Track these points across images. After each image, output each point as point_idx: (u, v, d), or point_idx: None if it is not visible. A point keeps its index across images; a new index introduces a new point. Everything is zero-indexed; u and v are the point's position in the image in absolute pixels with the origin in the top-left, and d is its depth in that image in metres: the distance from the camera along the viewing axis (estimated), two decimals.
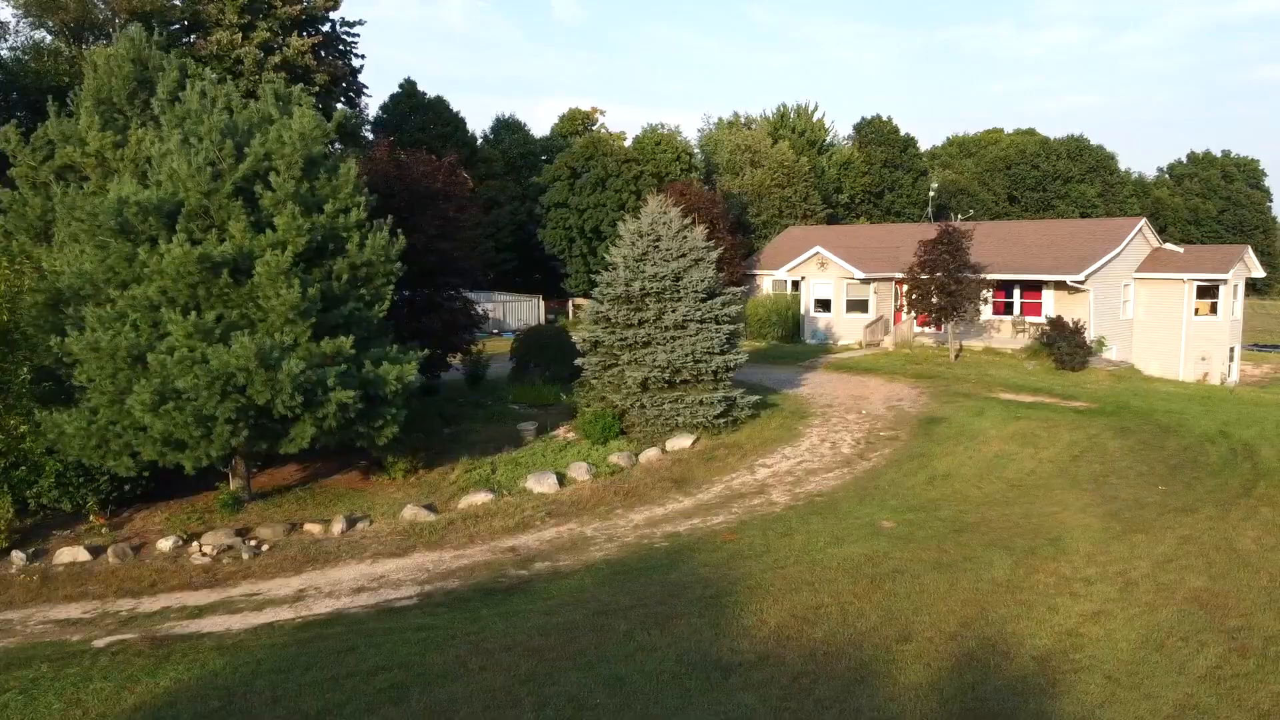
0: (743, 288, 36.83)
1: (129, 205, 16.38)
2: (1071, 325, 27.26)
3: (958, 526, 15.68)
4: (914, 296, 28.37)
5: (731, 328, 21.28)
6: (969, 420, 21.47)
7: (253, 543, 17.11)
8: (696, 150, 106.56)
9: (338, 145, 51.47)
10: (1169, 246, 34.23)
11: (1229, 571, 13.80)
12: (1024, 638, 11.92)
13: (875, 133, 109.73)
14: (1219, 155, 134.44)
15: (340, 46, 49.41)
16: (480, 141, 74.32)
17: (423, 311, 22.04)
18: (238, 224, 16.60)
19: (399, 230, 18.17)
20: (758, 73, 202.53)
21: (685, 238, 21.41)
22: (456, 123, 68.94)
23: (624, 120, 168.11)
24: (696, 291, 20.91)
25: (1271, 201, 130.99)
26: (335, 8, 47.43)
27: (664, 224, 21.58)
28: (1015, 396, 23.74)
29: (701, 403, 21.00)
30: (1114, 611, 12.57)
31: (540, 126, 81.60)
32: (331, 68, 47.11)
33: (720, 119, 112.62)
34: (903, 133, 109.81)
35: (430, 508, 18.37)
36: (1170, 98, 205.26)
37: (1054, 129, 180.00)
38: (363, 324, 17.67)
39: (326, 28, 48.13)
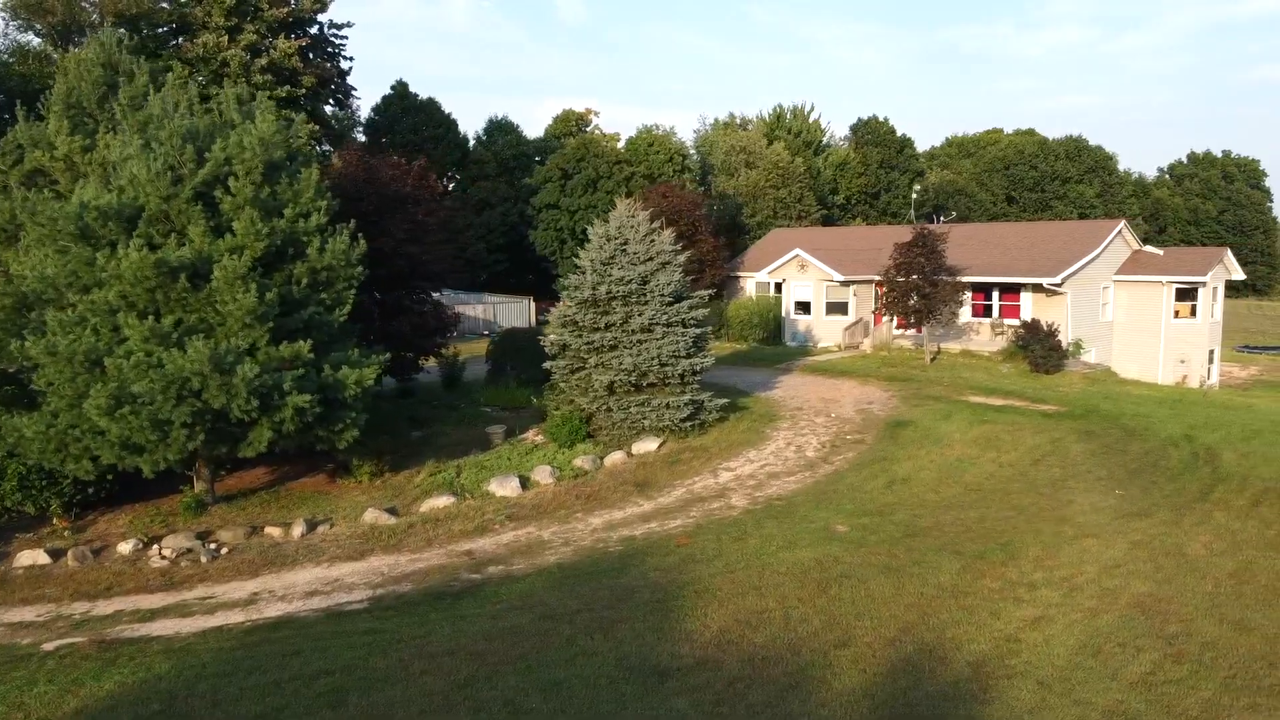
0: (708, 291, 36.92)
1: (89, 210, 16.46)
2: (1046, 328, 27.26)
3: (911, 531, 15.71)
4: (889, 299, 28.37)
5: (698, 331, 21.32)
6: (935, 424, 21.49)
7: (213, 546, 17.17)
8: (693, 151, 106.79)
9: (326, 147, 51.61)
10: (1149, 249, 34.20)
11: (1175, 577, 13.83)
12: (962, 643, 11.95)
13: (871, 133, 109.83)
14: (1219, 155, 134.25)
15: (329, 49, 49.46)
16: (474, 143, 74.38)
17: (392, 314, 22.10)
18: (197, 229, 16.67)
19: (360, 235, 18.22)
20: (759, 73, 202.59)
21: (653, 241, 21.45)
22: (448, 124, 69.01)
23: (626, 120, 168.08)
24: (663, 295, 20.95)
25: (1272, 202, 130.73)
26: (323, 10, 47.49)
27: (631, 227, 21.62)
28: (985, 400, 23.75)
29: (668, 406, 21.04)
30: (1055, 617, 12.60)
31: (542, 127, 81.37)
32: (319, 70, 47.15)
33: (716, 120, 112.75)
34: (899, 133, 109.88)
35: (392, 511, 18.44)
36: (1171, 98, 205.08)
37: (1054, 129, 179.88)
38: (323, 328, 17.73)
39: (315, 30, 48.15)
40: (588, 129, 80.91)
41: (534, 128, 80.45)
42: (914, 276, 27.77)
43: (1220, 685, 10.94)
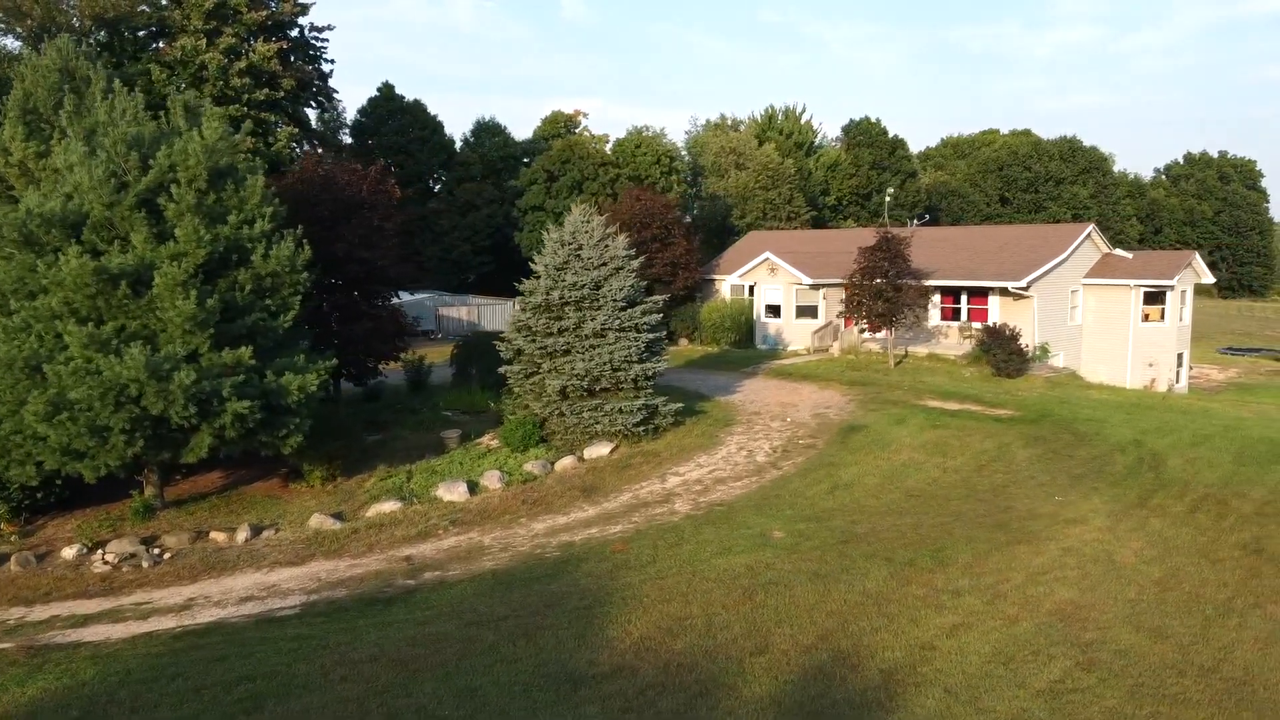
0: (682, 292, 37.00)
1: (33, 217, 16.54)
2: (1008, 332, 27.31)
3: (846, 537, 15.76)
4: (853, 302, 28.43)
5: (651, 336, 21.38)
6: (887, 428, 21.55)
7: (157, 551, 17.24)
8: (684, 153, 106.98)
9: (306, 149, 51.66)
10: (1118, 252, 34.23)
11: (1101, 584, 13.88)
12: (877, 650, 12.01)
13: (863, 135, 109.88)
14: (1216, 156, 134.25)
15: (310, 52, 49.50)
16: (461, 145, 74.46)
17: (348, 319, 22.16)
18: (139, 235, 16.74)
19: (305, 240, 18.28)
20: (765, 73, 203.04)
21: (607, 246, 21.51)
22: (434, 125, 69.11)
23: (631, 119, 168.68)
24: (616, 300, 21.01)
25: (1269, 202, 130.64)
26: (303, 13, 47.54)
27: (586, 232, 21.69)
28: (942, 404, 23.80)
29: (620, 411, 21.09)
30: (974, 624, 12.65)
31: (534, 129, 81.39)
32: (299, 73, 47.20)
33: (708, 120, 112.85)
34: (891, 134, 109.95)
35: (338, 516, 18.50)
36: (1174, 98, 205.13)
37: (1056, 129, 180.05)
38: (268, 334, 17.79)
39: (295, 33, 48.20)
40: (576, 130, 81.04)
41: (532, 129, 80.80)
42: (877, 280, 27.82)
43: (1126, 694, 11.00)
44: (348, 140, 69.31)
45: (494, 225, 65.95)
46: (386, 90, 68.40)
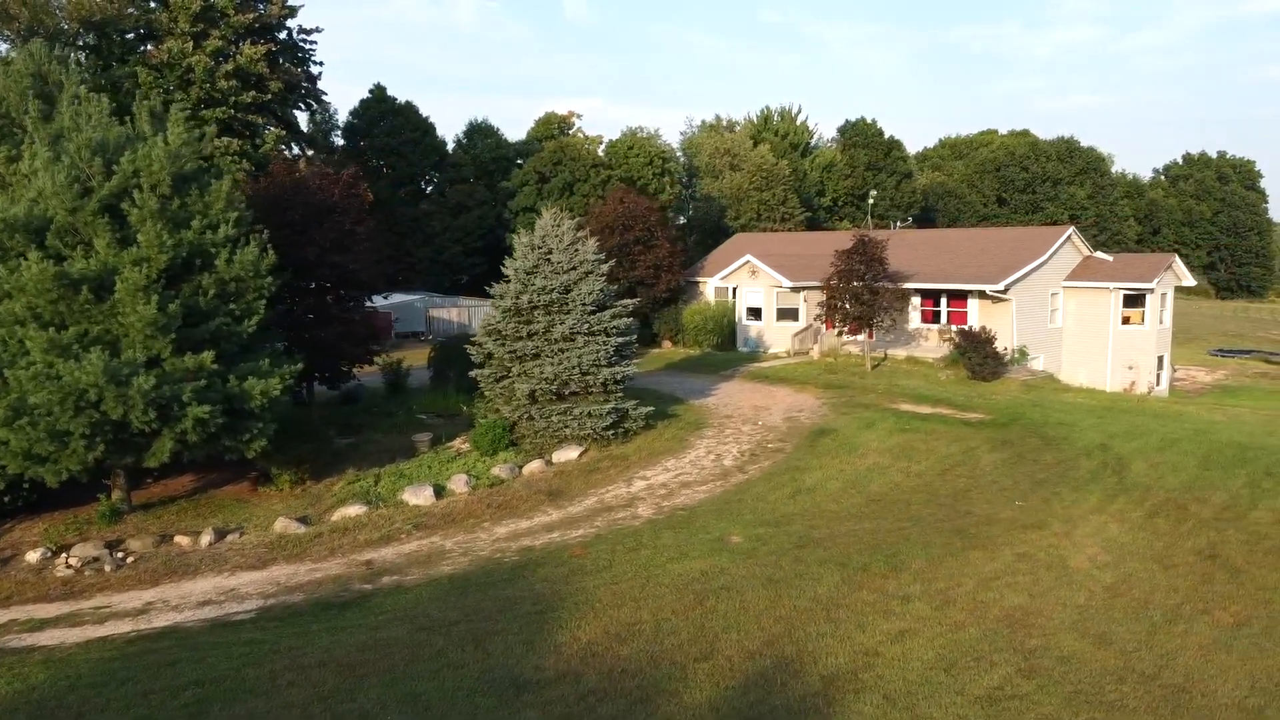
0: (664, 294, 37.05)
1: None
2: (983, 335, 27.32)
3: (803, 542, 15.80)
4: (830, 306, 28.45)
5: (621, 340, 21.42)
6: (856, 433, 21.58)
7: (120, 554, 17.30)
8: (679, 153, 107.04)
9: (296, 152, 51.77)
10: (1099, 255, 34.22)
11: (1051, 589, 13.92)
12: (820, 656, 12.05)
13: (859, 135, 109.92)
14: (1215, 156, 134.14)
15: (299, 54, 49.55)
16: (453, 146, 74.52)
17: (320, 323, 22.21)
18: (102, 240, 16.80)
19: (270, 246, 18.33)
20: (764, 73, 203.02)
21: (576, 250, 21.56)
22: (425, 127, 69.17)
23: (630, 119, 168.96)
24: (585, 304, 21.05)
25: (1267, 203, 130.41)
26: (292, 15, 47.59)
27: (556, 237, 21.74)
28: (915, 408, 23.83)
29: (590, 415, 21.14)
30: (920, 630, 12.69)
31: (527, 130, 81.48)
32: (288, 75, 47.25)
33: (704, 121, 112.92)
34: (888, 135, 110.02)
35: (304, 520, 18.56)
36: (1175, 98, 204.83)
37: (1056, 130, 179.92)
38: (233, 338, 17.84)
39: (284, 35, 48.24)
40: (570, 131, 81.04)
41: (526, 130, 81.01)
42: (854, 283, 27.85)
43: (1063, 700, 11.05)
44: (340, 141, 69.44)
45: (486, 226, 65.99)
46: (378, 92, 68.46)
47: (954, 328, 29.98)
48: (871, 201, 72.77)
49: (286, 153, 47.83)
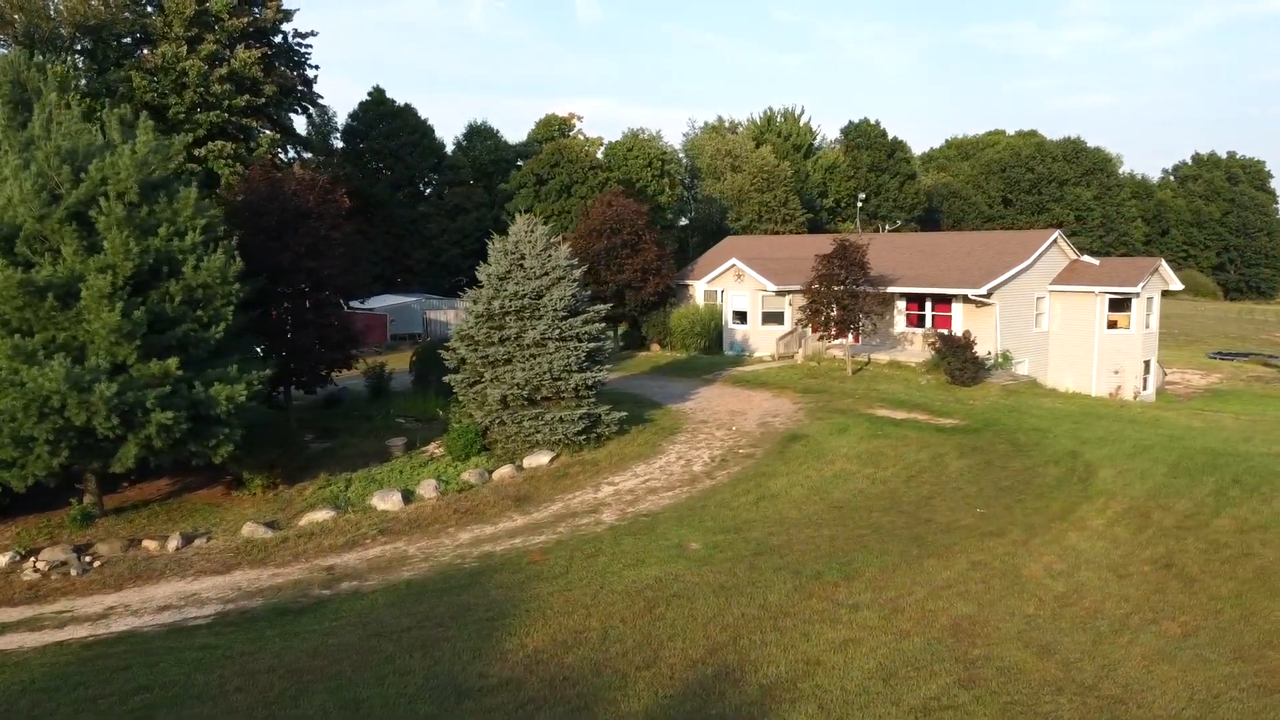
0: (653, 297, 37.09)
1: None
2: (963, 340, 27.28)
3: (760, 549, 15.84)
4: (810, 310, 28.45)
5: (592, 345, 21.48)
6: (827, 438, 21.59)
7: (88, 559, 17.44)
8: (682, 155, 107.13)
9: (293, 154, 52.07)
10: (1086, 259, 34.12)
11: (1002, 599, 13.92)
12: (762, 665, 12.10)
13: (862, 136, 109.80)
14: (1224, 157, 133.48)
15: (295, 58, 49.80)
16: (453, 148, 74.74)
17: (295, 328, 22.34)
18: (69, 248, 16.95)
19: (251, 250, 18.51)
20: (777, 73, 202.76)
21: (550, 256, 21.63)
22: (424, 129, 69.36)
23: (641, 120, 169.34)
24: (557, 310, 21.12)
25: (1277, 204, 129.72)
26: (287, 19, 47.84)
27: (529, 242, 21.82)
28: (890, 413, 23.81)
29: (561, 420, 21.21)
30: (864, 639, 12.71)
31: (528, 131, 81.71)
32: (282, 78, 47.50)
33: (706, 123, 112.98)
34: (891, 136, 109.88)
35: (271, 525, 18.67)
36: (1186, 96, 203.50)
37: (1065, 130, 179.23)
38: (200, 344, 17.97)
39: (279, 39, 48.51)
40: (571, 133, 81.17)
41: (527, 132, 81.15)
42: (835, 288, 27.85)
43: (998, 711, 11.07)
44: (339, 144, 69.73)
45: (483, 228, 65.99)
46: (377, 94, 68.70)
47: (940, 332, 29.91)
48: (860, 204, 72.47)
49: (281, 156, 48.14)
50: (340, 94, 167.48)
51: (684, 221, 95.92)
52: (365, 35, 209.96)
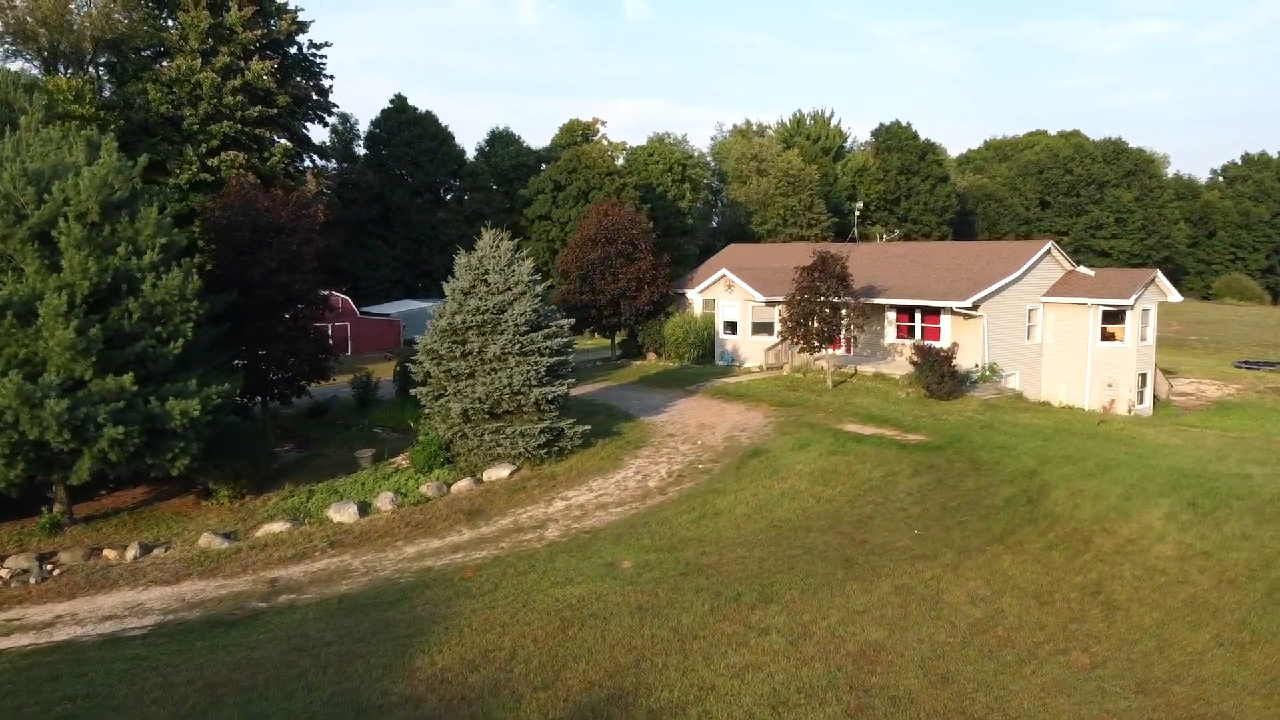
0: (648, 307, 37.17)
1: None
2: (941, 353, 26.99)
3: (689, 569, 15.92)
4: (791, 323, 28.35)
5: (554, 360, 21.70)
6: (786, 454, 21.55)
7: (49, 567, 18.06)
8: (710, 159, 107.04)
9: (307, 163, 52.98)
10: (1081, 270, 33.51)
11: (916, 624, 13.85)
12: (656, 689, 12.21)
13: (893, 138, 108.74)
14: (1276, 156, 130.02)
15: (310, 68, 50.70)
16: (475, 154, 75.53)
17: (265, 341, 22.85)
18: (31, 266, 17.58)
19: (220, 265, 19.02)
20: (822, 73, 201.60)
21: (513, 271, 21.89)
22: (443, 136, 70.17)
23: (685, 121, 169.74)
24: (518, 325, 21.37)
25: None
26: (302, 31, 48.74)
27: (493, 257, 22.10)
28: (859, 428, 23.67)
29: (522, 434, 21.46)
30: (766, 665, 12.75)
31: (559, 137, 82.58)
32: (297, 89, 48.40)
33: (734, 126, 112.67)
34: (923, 138, 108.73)
35: (230, 535, 19.18)
36: (1241, 94, 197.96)
37: (1116, 128, 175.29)
38: (159, 360, 18.50)
39: (294, 50, 49.43)
40: (594, 138, 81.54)
41: (550, 137, 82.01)
42: (819, 299, 27.74)
43: None
44: (363, 150, 70.82)
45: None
46: (399, 102, 69.67)
47: (914, 344, 29.57)
48: (856, 213, 71.78)
49: (297, 165, 49.04)
50: (379, 97, 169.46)
51: (713, 224, 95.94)
52: (403, 36, 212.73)
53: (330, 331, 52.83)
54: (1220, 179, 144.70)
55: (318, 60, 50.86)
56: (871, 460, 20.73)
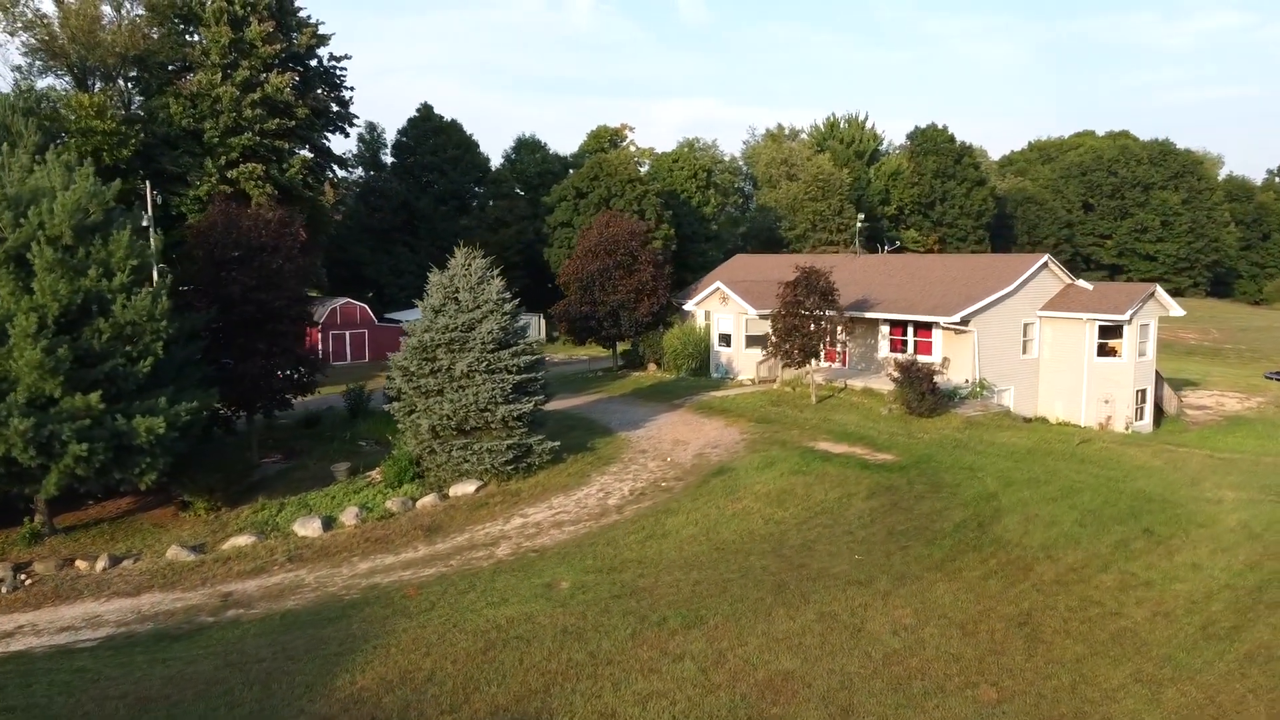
0: (645, 319, 37.33)
1: None
2: (923, 369, 26.74)
3: (623, 591, 16.11)
4: (775, 338, 28.34)
5: (521, 377, 22.02)
6: (750, 473, 21.61)
7: (22, 577, 18.81)
8: (741, 164, 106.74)
9: (337, 174, 54.02)
10: (1080, 283, 32.92)
11: (831, 654, 13.89)
12: (558, 715, 12.45)
13: (928, 141, 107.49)
14: None
15: (330, 80, 51.76)
16: (501, 162, 76.39)
17: (244, 357, 23.48)
18: (4, 289, 18.34)
19: (170, 288, 19.61)
20: (876, 73, 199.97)
21: (483, 289, 22.25)
22: (469, 144, 71.12)
23: (748, 120, 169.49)
24: (485, 343, 21.73)
25: None
26: (322, 44, 49.76)
27: (464, 276, 22.48)
28: (831, 446, 23.62)
29: (489, 450, 21.81)
30: (671, 693, 12.91)
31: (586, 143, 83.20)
32: (316, 101, 49.43)
33: (767, 130, 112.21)
34: (959, 141, 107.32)
35: (199, 548, 19.78)
36: None
37: (1169, 129, 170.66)
38: (128, 378, 19.17)
39: (314, 63, 50.50)
40: (622, 144, 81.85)
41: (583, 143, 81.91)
42: (800, 313, 27.70)
43: None
44: (390, 159, 72.06)
45: (524, 241, 67.41)
46: (425, 111, 70.76)
47: (900, 358, 29.31)
48: (858, 225, 70.97)
49: (316, 176, 50.10)
50: (417, 98, 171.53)
51: (742, 229, 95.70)
52: (482, 34, 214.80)
53: (348, 339, 54.05)
54: (1276, 179, 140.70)
55: (338, 72, 51.96)
56: (831, 481, 20.71)
